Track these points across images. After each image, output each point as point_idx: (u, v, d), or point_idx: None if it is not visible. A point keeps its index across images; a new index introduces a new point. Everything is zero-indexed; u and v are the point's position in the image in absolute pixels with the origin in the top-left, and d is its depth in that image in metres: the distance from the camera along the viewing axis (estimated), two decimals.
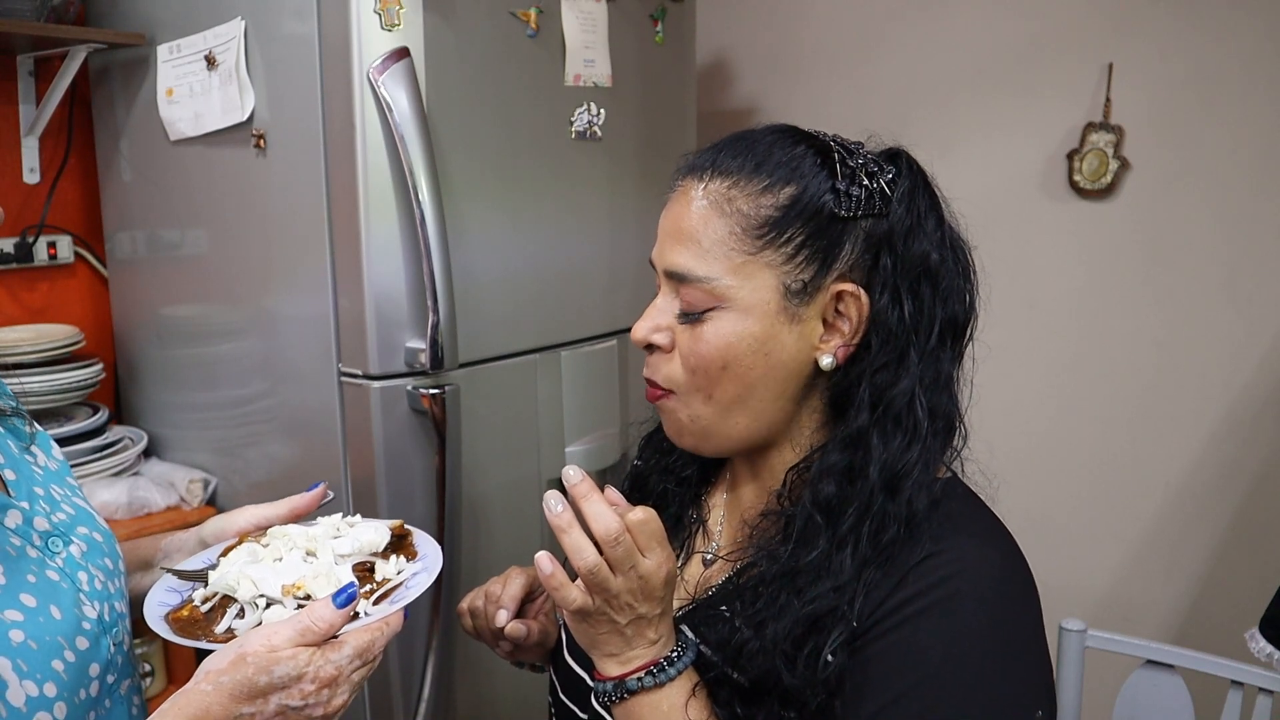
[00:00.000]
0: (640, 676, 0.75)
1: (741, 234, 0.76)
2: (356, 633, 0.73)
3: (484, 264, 1.47)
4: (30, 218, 1.83)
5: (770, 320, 0.76)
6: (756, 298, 0.76)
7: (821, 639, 0.71)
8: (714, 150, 0.80)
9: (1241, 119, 1.75)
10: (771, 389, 0.78)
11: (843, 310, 0.77)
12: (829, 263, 0.76)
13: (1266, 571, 1.64)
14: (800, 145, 0.78)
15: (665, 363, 0.80)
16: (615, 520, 0.72)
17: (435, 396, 1.37)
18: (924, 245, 0.76)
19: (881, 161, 0.79)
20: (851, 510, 0.74)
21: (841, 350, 0.77)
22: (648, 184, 1.74)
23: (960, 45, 2.02)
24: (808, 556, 0.74)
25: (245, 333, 1.59)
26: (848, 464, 0.75)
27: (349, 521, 0.88)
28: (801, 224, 0.76)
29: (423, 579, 0.81)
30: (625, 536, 0.72)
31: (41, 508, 0.82)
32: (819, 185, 0.76)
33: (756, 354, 0.76)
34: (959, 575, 0.71)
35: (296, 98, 1.40)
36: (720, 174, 0.78)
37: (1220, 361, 1.82)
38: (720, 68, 2.38)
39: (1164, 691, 1.30)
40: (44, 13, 1.65)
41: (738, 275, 0.76)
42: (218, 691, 0.68)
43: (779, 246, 0.76)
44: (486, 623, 0.97)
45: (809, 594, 0.72)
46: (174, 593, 0.84)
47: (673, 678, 0.75)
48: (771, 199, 0.76)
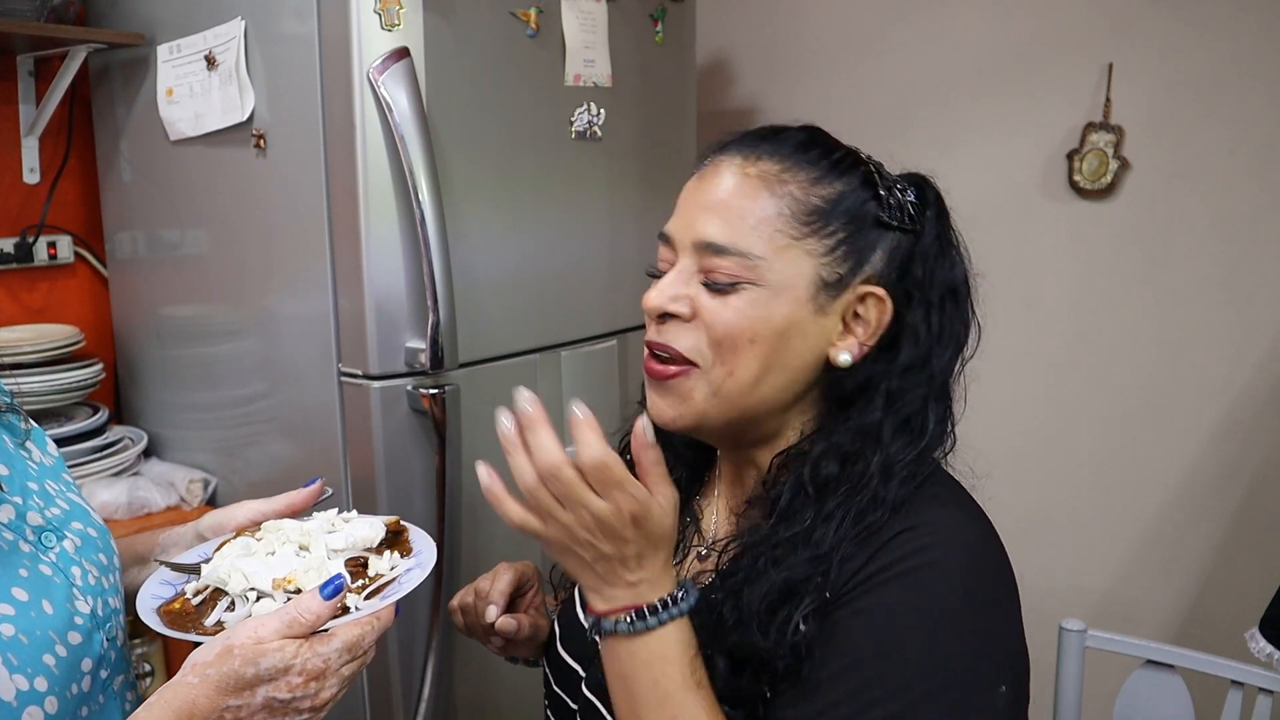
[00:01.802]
0: (617, 619, 0.72)
1: (790, 216, 0.77)
2: (346, 626, 0.72)
3: (484, 264, 1.47)
4: (30, 218, 1.83)
5: (798, 306, 0.77)
6: (790, 282, 0.77)
7: (794, 605, 0.72)
8: (756, 135, 0.82)
9: (1241, 119, 1.75)
10: (784, 375, 0.79)
11: (862, 313, 0.79)
12: (861, 264, 0.79)
13: (1266, 571, 1.64)
14: (840, 150, 0.82)
15: (687, 332, 0.78)
16: (556, 456, 0.68)
17: (435, 396, 1.37)
18: (952, 272, 0.81)
19: (904, 182, 0.83)
20: (844, 489, 0.75)
21: (858, 348, 0.79)
22: (648, 184, 1.74)
23: (960, 45, 2.02)
24: (791, 529, 0.75)
25: (245, 333, 1.59)
26: (855, 450, 0.77)
27: (344, 517, 0.87)
28: (845, 220, 0.78)
29: (416, 574, 0.80)
30: (566, 472, 0.68)
31: (35, 503, 0.82)
32: (864, 191, 0.79)
33: (779, 335, 0.77)
34: (931, 548, 0.73)
35: (296, 98, 1.40)
36: (771, 156, 0.79)
37: (1220, 361, 1.82)
38: (720, 68, 2.38)
39: (1164, 691, 1.30)
40: (44, 13, 1.65)
41: (778, 256, 0.77)
42: (204, 684, 0.68)
43: (822, 237, 0.77)
44: (477, 619, 0.98)
45: (786, 562, 0.74)
46: (167, 585, 0.84)
47: (651, 627, 0.71)
48: (822, 190, 0.78)
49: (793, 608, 0.72)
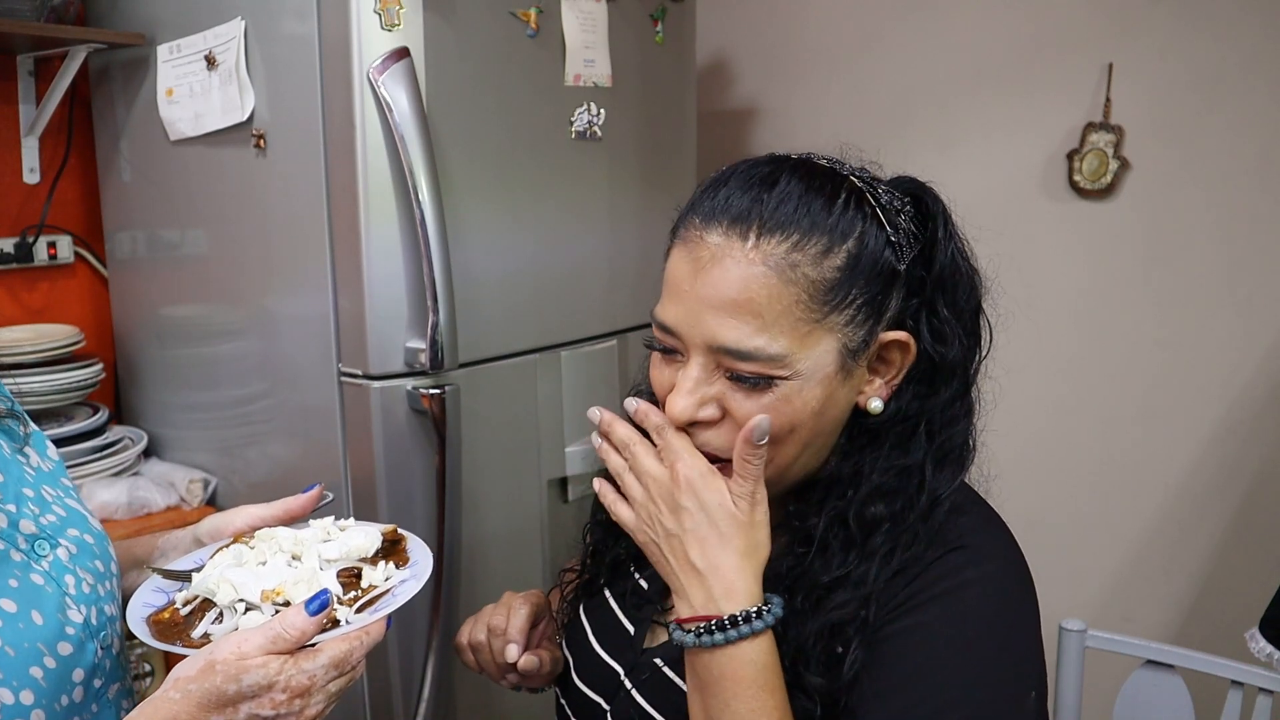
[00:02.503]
0: (688, 630, 0.71)
1: (809, 301, 0.71)
2: (333, 642, 0.71)
3: (484, 264, 1.47)
4: (30, 218, 1.83)
5: (829, 382, 0.73)
6: (819, 364, 0.72)
7: (840, 642, 0.72)
8: (743, 199, 0.73)
9: (1241, 119, 1.74)
10: (823, 439, 0.77)
11: (886, 356, 0.77)
12: (881, 314, 0.75)
13: (1266, 571, 1.64)
14: (840, 192, 0.74)
15: (718, 434, 0.74)
16: (632, 432, 0.76)
17: (435, 396, 1.37)
18: (973, 290, 0.78)
19: (895, 191, 0.78)
20: (886, 528, 0.74)
21: (884, 390, 0.78)
22: (648, 184, 1.74)
23: (960, 45, 2.01)
24: (831, 570, 0.74)
25: (245, 333, 1.59)
26: (900, 489, 0.75)
27: (340, 525, 0.85)
28: (864, 282, 0.73)
29: (410, 586, 0.78)
30: (636, 445, 0.75)
31: (30, 510, 0.81)
32: (876, 240, 0.73)
33: (816, 416, 0.74)
34: (967, 569, 0.73)
35: (296, 98, 1.40)
36: (773, 232, 0.71)
37: (1220, 361, 1.82)
38: (720, 68, 2.38)
39: (1164, 691, 1.30)
40: (44, 13, 1.65)
41: (803, 345, 0.71)
42: (186, 700, 0.66)
43: (842, 310, 0.72)
44: (492, 657, 0.94)
45: (831, 601, 0.73)
46: (160, 592, 0.82)
47: (719, 643, 0.69)
48: (834, 260, 0.72)
49: (840, 645, 0.72)
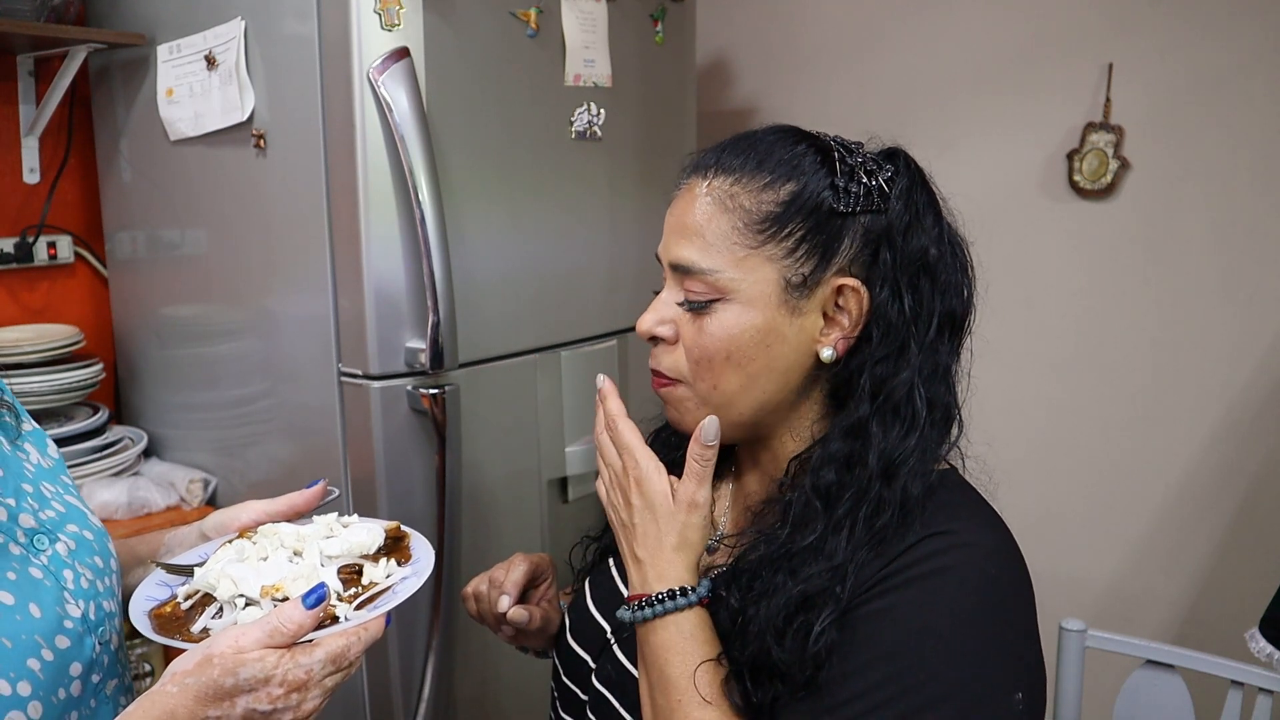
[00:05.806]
0: (630, 606, 0.80)
1: (744, 229, 0.79)
2: (331, 637, 0.71)
3: (484, 264, 1.47)
4: (30, 218, 1.83)
5: (772, 312, 0.78)
6: (758, 290, 0.78)
7: (812, 616, 0.72)
8: (717, 149, 0.83)
9: (1241, 119, 1.75)
10: (773, 380, 0.80)
11: (842, 304, 0.79)
12: (829, 257, 0.78)
13: (1266, 571, 1.64)
14: (801, 144, 0.81)
15: (669, 354, 0.83)
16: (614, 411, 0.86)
17: (435, 396, 1.37)
18: (922, 240, 0.79)
19: (880, 160, 0.82)
20: (848, 495, 0.75)
21: (841, 343, 0.79)
22: (648, 184, 1.74)
23: (960, 45, 2.02)
24: (804, 540, 0.75)
25: (245, 333, 1.59)
26: (848, 452, 0.77)
27: (343, 521, 0.86)
28: (802, 219, 0.78)
29: (410, 584, 0.79)
30: (603, 436, 0.86)
31: (29, 505, 0.81)
32: (818, 182, 0.79)
33: (758, 345, 0.79)
34: (948, 553, 0.73)
35: (296, 98, 1.40)
36: (723, 171, 0.81)
37: (1220, 361, 1.82)
38: (720, 68, 2.38)
39: (1164, 691, 1.30)
40: (44, 13, 1.65)
41: (740, 268, 0.78)
42: (183, 693, 0.67)
43: (780, 241, 0.78)
44: (490, 607, 1.01)
45: (802, 574, 0.74)
46: (164, 586, 0.83)
47: (648, 618, 0.78)
48: (773, 195, 0.79)
49: (811, 618, 0.72)
